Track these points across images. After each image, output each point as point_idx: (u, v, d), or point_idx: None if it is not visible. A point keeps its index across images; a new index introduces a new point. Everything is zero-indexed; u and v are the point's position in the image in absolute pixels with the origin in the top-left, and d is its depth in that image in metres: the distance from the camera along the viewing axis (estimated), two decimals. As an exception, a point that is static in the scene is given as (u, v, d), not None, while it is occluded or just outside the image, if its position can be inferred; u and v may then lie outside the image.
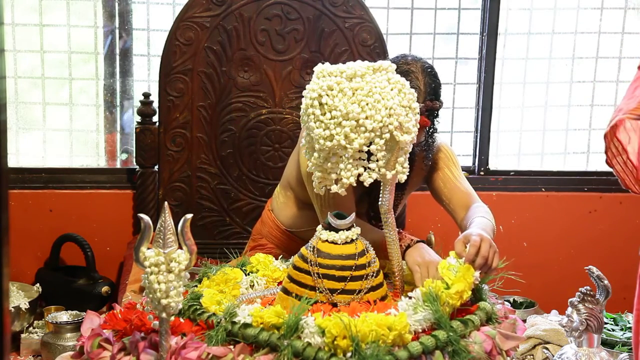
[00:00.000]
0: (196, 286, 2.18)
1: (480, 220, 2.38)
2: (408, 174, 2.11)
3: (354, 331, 1.77)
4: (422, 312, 1.89)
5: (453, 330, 1.87)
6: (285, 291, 2.11)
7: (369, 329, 1.78)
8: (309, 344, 1.79)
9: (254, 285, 2.28)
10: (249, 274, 2.31)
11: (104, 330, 1.97)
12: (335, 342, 1.77)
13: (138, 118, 3.24)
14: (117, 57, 3.43)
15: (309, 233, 2.34)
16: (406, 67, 2.43)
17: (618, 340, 2.59)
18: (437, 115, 2.49)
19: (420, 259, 2.24)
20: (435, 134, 2.59)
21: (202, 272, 2.26)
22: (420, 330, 1.87)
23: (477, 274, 2.06)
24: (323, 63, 2.14)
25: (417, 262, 2.24)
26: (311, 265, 2.06)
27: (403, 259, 2.27)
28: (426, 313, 1.89)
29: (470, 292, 2.00)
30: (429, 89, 2.43)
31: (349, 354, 1.77)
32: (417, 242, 2.31)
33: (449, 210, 2.63)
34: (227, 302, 1.99)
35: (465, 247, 2.14)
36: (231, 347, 1.86)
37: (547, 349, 2.51)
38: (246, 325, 1.87)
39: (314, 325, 1.81)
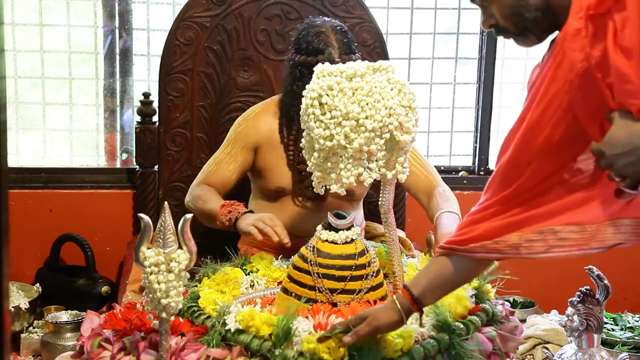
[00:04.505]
0: (196, 286, 2.18)
1: (445, 220, 2.39)
2: None
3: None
4: (426, 320, 1.89)
5: (455, 333, 1.87)
6: (285, 291, 2.11)
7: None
8: (301, 353, 1.79)
9: (254, 285, 2.28)
10: (249, 274, 2.31)
11: (104, 330, 1.97)
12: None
13: (138, 118, 3.24)
14: (117, 57, 3.43)
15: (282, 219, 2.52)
16: (316, 29, 2.55)
17: (618, 340, 2.59)
18: None
19: (251, 219, 2.37)
20: None
21: (202, 272, 2.26)
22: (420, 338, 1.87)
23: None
24: (323, 63, 2.15)
25: (249, 223, 2.37)
26: (311, 265, 2.06)
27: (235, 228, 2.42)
28: (431, 321, 1.88)
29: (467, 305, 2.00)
30: (341, 44, 2.51)
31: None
32: (244, 212, 2.43)
33: (412, 196, 2.67)
34: (223, 303, 1.98)
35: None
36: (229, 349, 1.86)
37: (547, 348, 2.50)
38: (239, 332, 1.86)
39: (303, 342, 1.80)
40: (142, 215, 1.78)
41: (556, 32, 1.67)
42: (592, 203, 1.65)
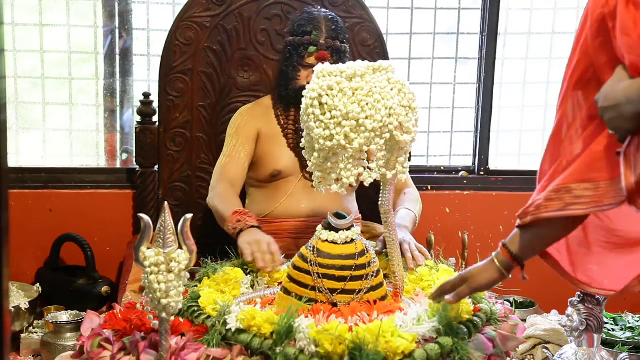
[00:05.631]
0: (196, 286, 2.18)
1: (401, 213, 2.58)
2: None
3: (349, 340, 1.77)
4: (427, 323, 1.89)
5: (459, 336, 1.86)
6: (285, 291, 2.11)
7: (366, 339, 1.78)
8: (302, 351, 1.79)
9: (254, 285, 2.28)
10: (249, 274, 2.31)
11: (104, 330, 1.97)
12: (331, 351, 1.77)
13: (138, 118, 3.24)
14: (117, 57, 3.43)
15: (278, 211, 2.73)
16: (309, 15, 2.74)
17: (618, 340, 2.59)
18: (343, 58, 2.70)
19: (251, 238, 2.35)
20: None
21: (202, 272, 2.26)
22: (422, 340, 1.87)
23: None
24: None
25: (247, 240, 2.34)
26: (311, 265, 2.06)
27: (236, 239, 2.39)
28: (432, 323, 1.88)
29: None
30: (329, 30, 2.70)
31: (345, 359, 1.77)
32: (251, 226, 2.42)
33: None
34: (223, 303, 1.98)
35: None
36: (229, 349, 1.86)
37: (547, 348, 2.51)
38: (240, 331, 1.86)
39: (307, 332, 1.80)
40: (142, 215, 1.78)
41: None
42: (604, 160, 1.67)
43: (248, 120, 2.85)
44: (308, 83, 2.17)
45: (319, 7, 2.93)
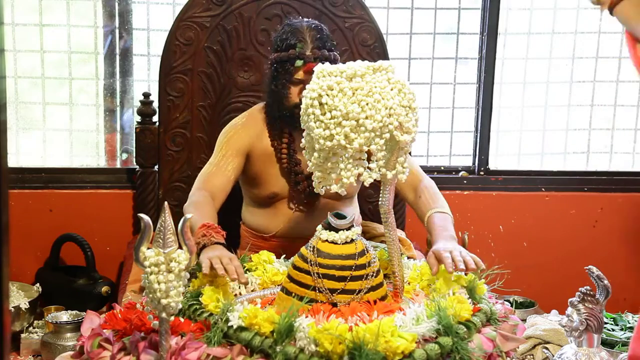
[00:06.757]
0: (188, 286, 2.16)
1: (439, 221, 2.38)
2: None
3: (349, 340, 1.77)
4: (427, 322, 1.89)
5: (458, 336, 1.86)
6: (285, 291, 2.11)
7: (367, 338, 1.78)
8: (301, 350, 1.79)
9: (251, 283, 2.28)
10: (247, 272, 2.31)
11: (104, 330, 1.97)
12: (331, 350, 1.77)
13: (138, 118, 3.24)
14: (117, 57, 3.43)
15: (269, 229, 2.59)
16: (291, 27, 2.58)
17: (618, 340, 2.59)
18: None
19: (212, 253, 2.14)
20: None
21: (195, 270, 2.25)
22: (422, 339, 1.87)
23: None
24: (323, 63, 2.15)
25: (207, 255, 2.12)
26: (311, 265, 2.06)
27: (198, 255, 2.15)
28: (432, 323, 1.88)
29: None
30: (314, 40, 2.54)
31: (345, 358, 1.77)
32: (215, 243, 2.20)
33: (397, 192, 2.60)
34: (225, 301, 1.98)
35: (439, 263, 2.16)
36: (230, 347, 1.86)
37: (547, 349, 2.51)
38: (241, 329, 1.87)
39: (307, 331, 1.80)
40: (142, 215, 1.78)
41: None
42: None
43: (242, 135, 2.68)
44: (300, 101, 2.12)
45: (301, 17, 2.76)
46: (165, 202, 1.83)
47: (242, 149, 2.66)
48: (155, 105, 3.22)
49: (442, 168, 3.62)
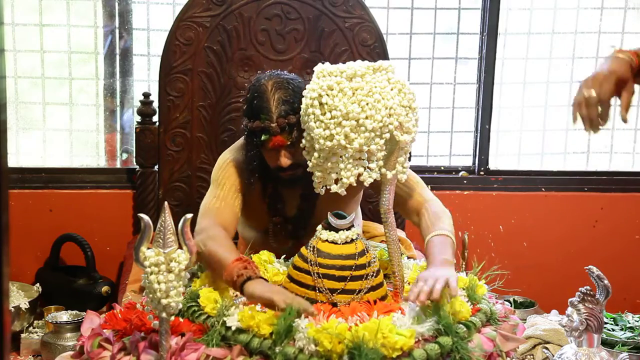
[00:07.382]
0: (188, 286, 2.16)
1: (433, 247, 2.20)
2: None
3: (349, 339, 1.77)
4: (427, 322, 1.88)
5: (458, 335, 1.86)
6: (285, 291, 2.11)
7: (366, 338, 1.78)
8: (301, 350, 1.79)
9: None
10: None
11: (104, 330, 1.97)
12: (330, 350, 1.77)
13: (138, 118, 3.24)
14: (117, 57, 3.43)
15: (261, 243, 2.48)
16: (258, 89, 2.32)
17: (618, 340, 2.59)
18: (297, 127, 2.27)
19: (267, 288, 2.00)
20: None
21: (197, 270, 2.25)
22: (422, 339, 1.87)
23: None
24: (323, 63, 2.14)
25: (266, 289, 1.98)
26: (311, 265, 2.06)
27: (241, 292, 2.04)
28: (431, 323, 1.88)
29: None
30: (279, 105, 2.27)
31: (344, 358, 1.77)
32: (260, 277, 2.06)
33: (405, 218, 2.50)
34: (223, 302, 1.97)
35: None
36: (229, 349, 1.86)
37: (547, 348, 2.50)
38: (240, 331, 1.86)
39: (307, 331, 1.80)
40: (142, 215, 1.78)
41: None
42: None
43: (232, 174, 2.46)
44: (280, 165, 2.17)
45: (270, 71, 2.41)
46: (165, 202, 1.83)
47: (239, 188, 2.46)
48: (155, 105, 3.22)
49: (442, 168, 3.62)
